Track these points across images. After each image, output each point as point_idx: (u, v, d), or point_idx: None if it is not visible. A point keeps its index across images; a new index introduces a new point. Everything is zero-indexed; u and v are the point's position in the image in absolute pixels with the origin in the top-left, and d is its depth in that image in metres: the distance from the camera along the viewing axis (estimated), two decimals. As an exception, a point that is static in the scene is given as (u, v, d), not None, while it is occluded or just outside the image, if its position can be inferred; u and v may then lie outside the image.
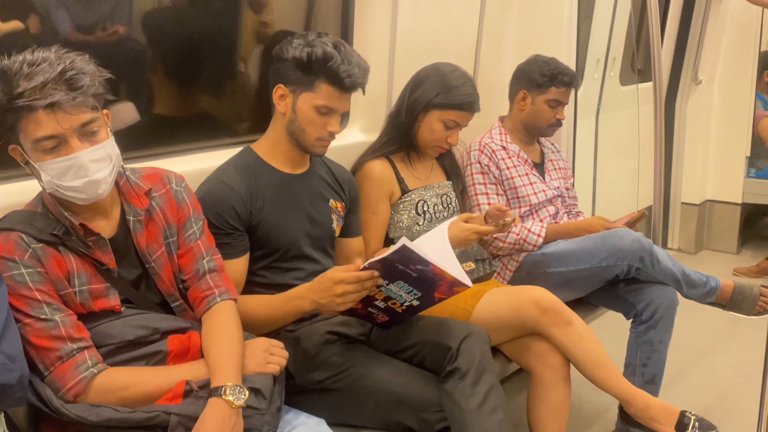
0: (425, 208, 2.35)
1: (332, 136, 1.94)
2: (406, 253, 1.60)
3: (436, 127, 2.32)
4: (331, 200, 2.07)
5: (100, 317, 1.50)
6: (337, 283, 1.67)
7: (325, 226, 2.04)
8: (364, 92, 1.94)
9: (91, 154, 1.42)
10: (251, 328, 1.75)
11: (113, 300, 1.52)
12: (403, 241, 1.58)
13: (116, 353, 1.49)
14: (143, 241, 1.58)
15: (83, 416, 1.37)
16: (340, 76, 1.83)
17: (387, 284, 1.70)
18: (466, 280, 1.68)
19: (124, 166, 1.56)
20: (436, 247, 1.74)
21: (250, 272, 1.92)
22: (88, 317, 1.49)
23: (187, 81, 2.26)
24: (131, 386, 1.44)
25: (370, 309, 1.82)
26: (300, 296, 1.78)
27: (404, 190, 2.34)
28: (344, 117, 2.28)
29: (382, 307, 1.80)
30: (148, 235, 1.59)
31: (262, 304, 1.84)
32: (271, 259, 1.94)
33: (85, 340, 1.45)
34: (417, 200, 2.35)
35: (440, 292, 1.72)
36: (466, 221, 2.20)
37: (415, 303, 1.76)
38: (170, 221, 1.64)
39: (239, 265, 1.87)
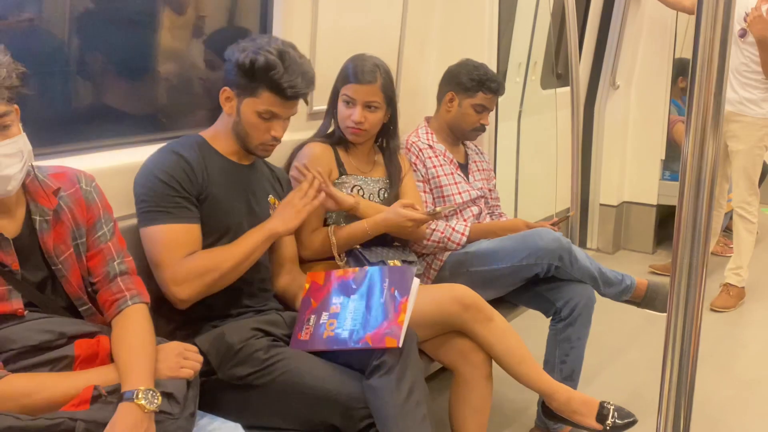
0: (361, 194, 2.35)
1: (276, 140, 1.96)
2: (407, 275, 1.87)
3: (340, 107, 2.34)
4: (270, 195, 2.08)
5: (1, 321, 1.44)
6: (289, 198, 1.96)
7: (263, 219, 2.02)
8: (307, 102, 1.95)
9: (3, 149, 1.37)
10: (218, 283, 1.83)
11: (16, 303, 1.45)
12: (413, 268, 1.96)
13: (18, 359, 1.42)
14: (50, 242, 1.51)
15: (-20, 426, 1.31)
16: (281, 86, 1.85)
17: (353, 296, 1.87)
18: (401, 340, 1.75)
19: (33, 164, 1.50)
20: (412, 296, 1.86)
21: None
22: (-13, 322, 1.41)
23: (103, 75, 2.18)
24: (34, 393, 1.37)
25: (312, 316, 1.86)
26: (263, 223, 1.93)
27: (342, 173, 2.35)
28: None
29: (321, 321, 1.84)
30: (55, 236, 1.53)
31: (225, 250, 1.87)
32: (209, 240, 1.90)
33: (-17, 346, 1.38)
34: (353, 184, 2.36)
35: (373, 336, 1.78)
36: (404, 207, 2.23)
37: (344, 335, 1.82)
38: (79, 222, 1.58)
39: (198, 231, 1.86)
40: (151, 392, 1.40)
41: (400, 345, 1.75)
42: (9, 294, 1.44)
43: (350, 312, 1.85)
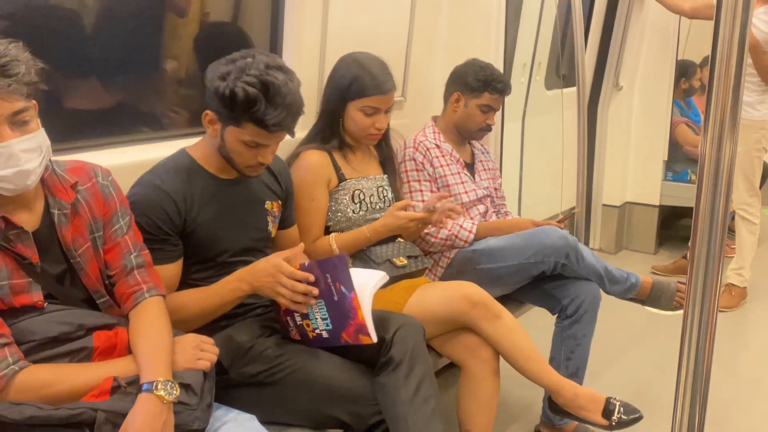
0: (361, 198, 2.36)
1: (263, 165, 1.87)
2: (339, 265, 1.70)
3: (357, 118, 2.32)
4: (267, 202, 2.03)
5: (22, 313, 1.45)
6: (276, 270, 1.73)
7: (260, 231, 2.01)
8: (292, 135, 1.84)
9: (22, 144, 1.38)
10: (183, 324, 1.73)
11: (36, 295, 1.47)
12: (344, 255, 1.73)
13: (39, 350, 1.44)
14: (68, 236, 1.53)
15: (4, 414, 1.32)
16: (264, 123, 1.73)
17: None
18: (373, 333, 1.73)
19: (51, 158, 1.52)
20: (364, 288, 1.75)
21: (184, 279, 1.87)
22: (8, 313, 1.43)
23: (112, 74, 2.20)
24: (55, 383, 1.39)
25: (288, 318, 1.84)
26: (239, 278, 1.79)
27: (341, 179, 2.35)
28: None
29: (298, 323, 1.82)
30: (73, 230, 1.54)
31: (195, 296, 1.82)
32: (206, 265, 1.90)
33: (5, 336, 1.40)
34: (353, 189, 2.36)
35: (347, 334, 1.76)
36: (404, 209, 2.22)
37: (325, 335, 1.79)
38: (96, 215, 1.60)
39: (172, 271, 1.83)
40: (169, 383, 1.42)
41: (375, 340, 1.74)
42: (29, 286, 1.46)
43: (317, 312, 1.78)
